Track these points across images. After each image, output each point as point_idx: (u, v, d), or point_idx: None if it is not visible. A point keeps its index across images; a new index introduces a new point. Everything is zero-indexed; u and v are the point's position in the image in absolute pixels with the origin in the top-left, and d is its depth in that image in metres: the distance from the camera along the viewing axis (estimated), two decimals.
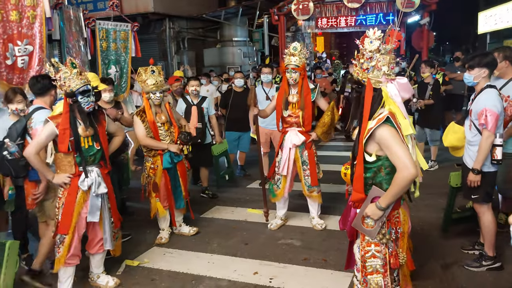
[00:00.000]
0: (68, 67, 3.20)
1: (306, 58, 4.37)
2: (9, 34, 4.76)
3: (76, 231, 3.33)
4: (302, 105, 4.37)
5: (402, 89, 2.48)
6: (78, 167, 3.31)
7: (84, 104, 3.24)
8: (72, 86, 3.18)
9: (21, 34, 4.85)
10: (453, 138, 3.99)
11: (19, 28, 4.82)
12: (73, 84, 3.18)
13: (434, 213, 4.84)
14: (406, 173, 2.31)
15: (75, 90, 3.18)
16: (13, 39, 4.80)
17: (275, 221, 4.71)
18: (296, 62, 4.28)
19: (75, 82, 3.19)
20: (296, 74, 4.31)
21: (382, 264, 2.53)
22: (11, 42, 4.79)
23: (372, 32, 2.40)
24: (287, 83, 4.40)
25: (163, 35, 14.22)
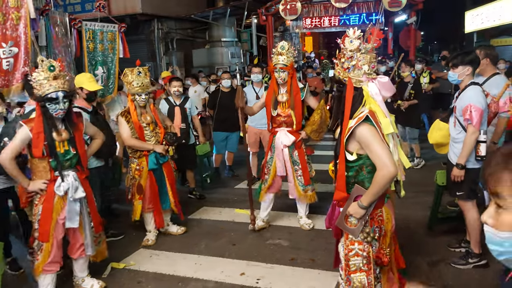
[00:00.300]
0: (45, 70, 3.10)
1: (294, 57, 4.36)
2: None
3: (54, 238, 3.25)
4: (292, 104, 4.36)
5: (383, 88, 2.49)
6: (54, 172, 3.22)
7: (52, 110, 3.13)
8: (42, 91, 3.09)
9: (6, 36, 4.79)
10: (438, 135, 4.02)
11: (4, 30, 4.76)
12: (42, 89, 3.09)
13: (421, 211, 4.87)
14: (385, 171, 2.32)
15: (44, 95, 3.09)
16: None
17: (257, 222, 4.67)
18: (284, 61, 4.26)
19: (45, 88, 3.09)
20: (285, 73, 4.29)
21: (365, 262, 2.54)
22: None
23: (352, 32, 2.41)
24: (276, 83, 4.39)
25: (152, 36, 14.16)
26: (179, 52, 14.65)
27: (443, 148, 4.03)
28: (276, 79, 4.34)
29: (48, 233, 3.21)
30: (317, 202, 4.59)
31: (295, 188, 4.52)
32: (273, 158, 4.52)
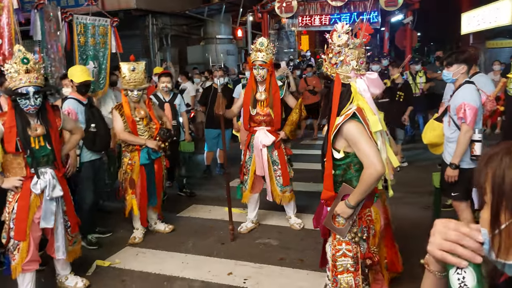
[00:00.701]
0: (18, 62, 2.97)
1: (273, 54, 4.24)
2: None
3: (31, 236, 3.13)
4: (271, 102, 4.26)
5: (372, 84, 2.43)
6: (30, 169, 3.09)
7: (22, 105, 3.00)
8: (12, 85, 2.96)
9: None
10: (432, 135, 3.97)
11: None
12: (13, 83, 2.96)
13: (414, 211, 4.83)
14: (372, 170, 2.27)
15: (14, 89, 2.96)
16: None
17: (246, 224, 4.59)
18: (263, 58, 4.14)
19: (16, 81, 2.96)
20: (264, 70, 4.18)
21: (352, 263, 2.48)
22: None
23: (340, 26, 2.34)
24: (254, 81, 4.27)
25: (146, 32, 14.02)
26: (174, 49, 14.53)
27: (438, 148, 3.98)
28: (255, 77, 4.22)
29: (25, 232, 3.08)
30: (304, 201, 4.53)
31: (273, 188, 4.40)
32: (251, 158, 4.41)
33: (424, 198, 5.17)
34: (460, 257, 0.86)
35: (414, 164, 6.96)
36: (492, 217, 0.83)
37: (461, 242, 0.87)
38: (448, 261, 0.89)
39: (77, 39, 6.84)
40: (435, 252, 0.91)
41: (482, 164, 0.84)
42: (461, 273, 0.87)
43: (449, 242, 0.88)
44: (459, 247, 0.87)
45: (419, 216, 4.65)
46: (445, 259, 0.89)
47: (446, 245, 0.89)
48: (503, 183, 0.78)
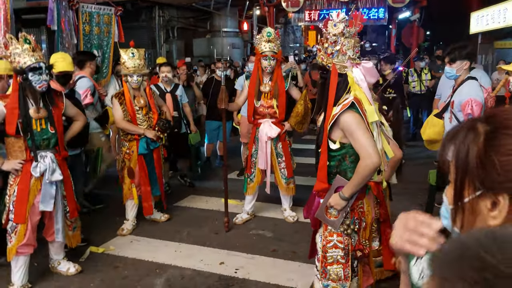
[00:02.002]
0: (20, 42, 2.99)
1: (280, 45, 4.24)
2: None
3: (29, 220, 3.14)
4: (276, 94, 4.23)
5: (368, 74, 2.39)
6: (30, 152, 3.10)
7: (35, 82, 3.01)
8: (22, 63, 2.97)
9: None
10: (431, 131, 3.92)
11: None
12: (23, 60, 2.97)
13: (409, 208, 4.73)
14: (368, 161, 2.24)
15: (25, 66, 2.97)
16: None
17: (241, 215, 4.59)
18: (274, 48, 4.12)
19: (25, 58, 2.97)
20: (274, 61, 4.16)
21: (343, 254, 2.47)
22: None
23: (335, 15, 2.31)
24: (258, 71, 4.24)
25: (153, 23, 14.03)
26: (180, 41, 14.53)
27: (435, 145, 3.94)
28: (262, 68, 4.19)
29: (25, 215, 3.10)
30: (302, 194, 4.51)
31: (278, 180, 4.42)
32: (257, 151, 4.41)
33: (420, 195, 5.15)
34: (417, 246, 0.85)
35: (414, 161, 6.90)
36: (456, 193, 0.81)
37: (419, 229, 0.86)
38: (406, 250, 0.87)
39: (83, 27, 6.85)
40: (396, 243, 0.89)
41: (447, 140, 0.82)
42: (420, 263, 0.86)
43: (408, 231, 0.86)
44: (416, 235, 0.86)
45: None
46: (404, 248, 0.87)
47: (405, 235, 0.87)
48: (467, 157, 0.77)
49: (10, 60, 3.00)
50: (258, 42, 4.18)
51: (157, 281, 3.39)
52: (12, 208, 3.11)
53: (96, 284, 3.36)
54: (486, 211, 0.77)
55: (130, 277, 3.47)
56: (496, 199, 0.75)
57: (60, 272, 3.49)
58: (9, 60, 3.01)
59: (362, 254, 2.50)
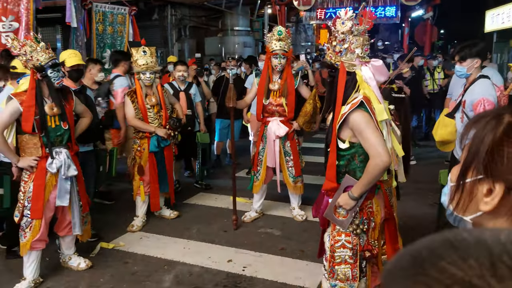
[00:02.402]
0: (34, 42, 3.06)
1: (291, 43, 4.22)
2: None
3: (44, 215, 3.20)
4: (285, 92, 4.23)
5: (377, 72, 2.38)
6: (45, 149, 3.15)
7: (54, 79, 3.10)
8: (41, 60, 3.04)
9: (7, 10, 4.77)
10: (443, 132, 3.85)
11: (4, 3, 4.73)
12: (41, 58, 3.04)
13: (421, 208, 4.76)
14: (378, 160, 2.22)
15: (45, 63, 3.04)
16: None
17: (250, 214, 4.60)
18: (284, 47, 4.13)
19: (43, 56, 3.05)
20: (285, 60, 4.16)
21: (351, 254, 2.45)
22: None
23: (344, 12, 2.30)
24: (268, 69, 4.25)
25: (165, 22, 14.10)
26: (192, 40, 14.58)
27: (448, 146, 3.86)
28: (273, 66, 4.20)
29: (41, 211, 3.16)
30: (311, 193, 4.51)
31: (285, 179, 4.42)
32: (264, 149, 4.41)
33: (432, 195, 5.10)
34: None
35: (426, 161, 6.85)
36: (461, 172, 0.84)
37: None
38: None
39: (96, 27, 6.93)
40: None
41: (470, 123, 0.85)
42: None
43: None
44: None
45: (425, 213, 4.59)
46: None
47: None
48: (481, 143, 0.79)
49: (26, 59, 3.05)
50: (269, 41, 4.18)
51: (166, 277, 3.41)
52: (27, 204, 3.15)
53: (106, 279, 3.40)
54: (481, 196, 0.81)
55: (139, 272, 3.50)
56: (493, 187, 0.78)
57: (71, 267, 3.54)
58: (25, 59, 3.05)
59: (370, 255, 2.48)
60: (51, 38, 13.51)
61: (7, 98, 3.13)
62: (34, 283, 3.25)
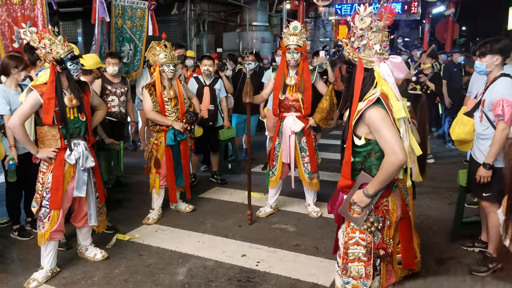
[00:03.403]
0: (52, 35, 3.09)
1: (307, 38, 4.19)
2: (14, 17, 4.79)
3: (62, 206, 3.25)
4: (302, 87, 4.21)
5: (396, 68, 2.34)
6: (64, 140, 3.19)
7: (73, 71, 3.15)
8: (61, 53, 3.08)
9: (25, 16, 4.86)
10: (461, 131, 3.77)
11: (22, 10, 4.82)
12: (61, 51, 3.08)
13: (438, 207, 4.70)
14: (393, 158, 2.18)
15: (64, 56, 3.09)
16: (17, 22, 4.81)
17: (265, 209, 4.60)
18: (298, 42, 4.10)
19: (62, 49, 3.09)
20: (298, 54, 4.14)
21: (365, 252, 2.42)
22: (16, 25, 4.80)
23: (363, 9, 2.26)
24: (286, 65, 4.24)
25: (184, 17, 14.13)
26: (210, 35, 14.60)
27: (466, 145, 3.78)
28: (288, 61, 4.18)
29: (60, 201, 3.20)
30: (327, 190, 4.48)
31: (301, 175, 4.40)
32: (280, 144, 4.40)
33: (450, 194, 5.03)
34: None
35: (445, 159, 6.75)
36: (508, 205, 0.81)
37: None
38: None
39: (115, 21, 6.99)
40: None
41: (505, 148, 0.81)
42: None
43: None
44: None
45: (442, 212, 4.53)
46: None
47: None
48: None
49: (45, 52, 3.08)
50: (284, 36, 4.18)
51: (180, 270, 3.44)
52: (46, 194, 3.20)
53: (121, 270, 3.45)
54: None
55: (154, 265, 3.54)
56: None
57: (87, 257, 3.60)
58: (44, 52, 3.09)
59: (385, 253, 2.45)
60: (72, 32, 13.70)
61: (27, 90, 3.17)
62: (51, 272, 3.32)
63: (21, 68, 3.78)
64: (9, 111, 3.64)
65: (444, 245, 3.83)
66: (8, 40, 4.75)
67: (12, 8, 4.77)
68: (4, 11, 4.71)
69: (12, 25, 4.77)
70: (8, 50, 4.65)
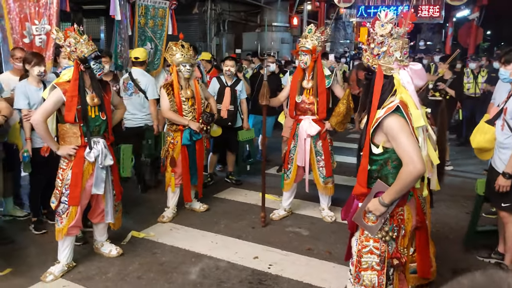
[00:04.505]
0: (77, 34, 3.15)
1: (320, 41, 4.16)
2: (26, 13, 4.86)
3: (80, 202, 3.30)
4: (316, 91, 4.19)
5: (416, 76, 2.31)
6: (84, 138, 3.25)
7: (96, 70, 3.20)
8: (85, 52, 3.13)
9: (39, 13, 4.92)
10: (482, 139, 3.70)
11: (36, 7, 4.89)
12: (85, 50, 3.13)
13: (455, 215, 4.63)
14: (411, 168, 2.14)
15: (88, 55, 3.14)
16: (30, 18, 4.89)
17: (278, 212, 4.60)
18: (305, 44, 4.11)
19: (87, 48, 3.14)
20: (306, 56, 4.14)
21: (378, 261, 2.40)
22: (28, 21, 4.88)
23: (383, 15, 2.23)
24: (302, 68, 4.24)
25: (204, 16, 14.22)
26: (230, 35, 14.66)
27: (486, 153, 3.71)
28: (300, 64, 4.20)
29: (79, 198, 3.26)
30: (342, 194, 4.45)
31: (315, 179, 4.39)
32: (296, 147, 4.39)
33: (468, 203, 4.94)
34: None
35: (463, 167, 6.63)
36: None
37: None
38: None
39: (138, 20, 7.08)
40: None
41: None
42: None
43: None
44: None
45: (459, 220, 4.48)
46: None
47: None
48: None
49: (70, 50, 3.14)
50: (301, 38, 4.22)
51: (192, 270, 3.47)
52: (65, 191, 3.26)
53: (135, 267, 3.49)
54: None
55: (167, 263, 3.57)
56: None
57: (102, 253, 3.66)
58: (69, 50, 3.14)
59: (399, 263, 2.42)
60: (95, 29, 13.91)
61: (50, 87, 3.24)
62: (68, 267, 3.38)
63: (33, 64, 3.85)
64: (27, 106, 3.77)
65: (459, 255, 3.77)
66: (19, 35, 4.84)
67: (25, 4, 4.84)
68: (17, 7, 4.79)
69: (24, 21, 4.84)
70: (18, 45, 4.75)
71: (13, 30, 4.82)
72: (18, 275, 3.35)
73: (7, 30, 4.80)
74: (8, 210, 4.37)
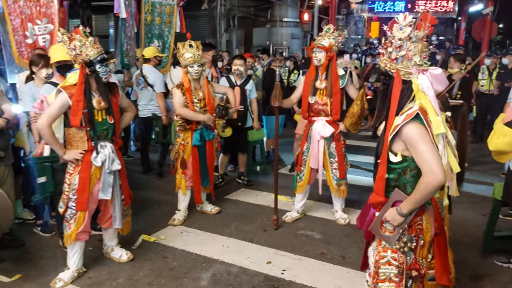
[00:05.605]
0: (83, 36, 3.08)
1: (338, 42, 4.05)
2: (27, 13, 4.81)
3: (88, 207, 3.26)
4: (329, 91, 4.10)
5: (436, 81, 2.20)
6: (91, 142, 3.19)
7: (102, 74, 3.12)
8: (90, 55, 3.05)
9: (41, 13, 4.87)
10: (500, 141, 3.57)
11: (38, 7, 4.84)
12: (90, 53, 3.05)
13: (472, 218, 4.52)
14: (431, 178, 2.04)
15: (93, 58, 3.06)
16: (32, 19, 4.84)
17: (291, 214, 4.53)
18: (323, 42, 4.02)
19: (92, 51, 3.06)
20: (321, 54, 4.03)
21: (396, 272, 2.31)
22: (30, 21, 4.84)
23: (402, 17, 2.13)
24: (316, 67, 4.15)
25: (214, 12, 14.11)
26: (240, 30, 14.54)
27: (504, 156, 3.59)
28: (314, 61, 4.10)
29: (86, 203, 3.21)
30: (355, 195, 4.36)
31: (329, 181, 4.30)
32: (309, 149, 4.30)
33: (484, 204, 4.83)
34: None
35: (479, 168, 6.47)
36: None
37: None
38: None
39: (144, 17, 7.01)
40: None
41: None
42: None
43: None
44: None
45: (477, 223, 4.37)
46: None
47: None
48: None
49: (75, 53, 3.07)
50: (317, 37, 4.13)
51: (203, 275, 3.42)
52: (72, 196, 3.21)
53: (145, 273, 3.45)
54: None
55: (178, 268, 3.53)
56: None
57: (113, 258, 3.62)
58: (74, 53, 3.07)
59: (417, 274, 2.34)
60: (104, 26, 13.90)
61: (56, 91, 3.16)
62: (77, 272, 3.35)
63: (40, 66, 3.80)
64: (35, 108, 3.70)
65: (477, 260, 3.67)
66: (22, 36, 4.80)
67: (26, 5, 4.79)
68: (18, 8, 4.75)
69: (26, 21, 4.80)
70: (21, 46, 4.73)
71: (15, 32, 4.80)
72: (28, 280, 3.32)
73: (9, 33, 4.78)
74: (17, 213, 4.35)
